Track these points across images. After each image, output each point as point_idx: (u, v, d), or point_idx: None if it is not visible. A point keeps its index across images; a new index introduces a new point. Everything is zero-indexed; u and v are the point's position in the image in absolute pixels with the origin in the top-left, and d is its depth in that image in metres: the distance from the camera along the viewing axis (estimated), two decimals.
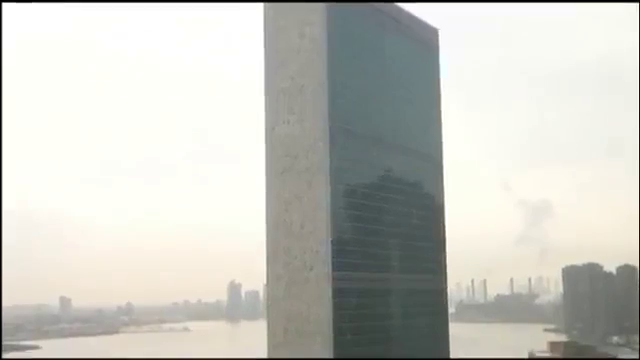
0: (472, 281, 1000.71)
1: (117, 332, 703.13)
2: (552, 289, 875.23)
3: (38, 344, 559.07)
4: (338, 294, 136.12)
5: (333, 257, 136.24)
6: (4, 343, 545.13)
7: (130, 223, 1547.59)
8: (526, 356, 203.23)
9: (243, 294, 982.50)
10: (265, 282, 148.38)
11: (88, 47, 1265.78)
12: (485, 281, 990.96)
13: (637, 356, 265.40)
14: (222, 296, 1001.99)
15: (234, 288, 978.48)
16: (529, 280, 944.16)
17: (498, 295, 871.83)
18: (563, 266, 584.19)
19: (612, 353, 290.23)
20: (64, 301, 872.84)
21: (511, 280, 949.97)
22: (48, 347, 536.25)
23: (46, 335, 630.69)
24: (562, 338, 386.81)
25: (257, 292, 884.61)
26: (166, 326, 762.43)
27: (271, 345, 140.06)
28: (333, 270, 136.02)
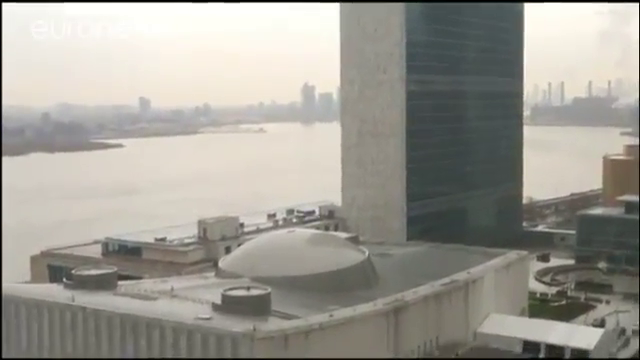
0: (549, 84, 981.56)
1: (196, 132, 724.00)
2: (632, 92, 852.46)
3: (121, 142, 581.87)
4: (412, 97, 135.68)
5: (407, 60, 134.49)
6: (90, 141, 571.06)
7: (206, 27, 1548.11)
8: (600, 159, 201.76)
9: (317, 96, 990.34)
10: (339, 84, 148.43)
11: None
12: (563, 84, 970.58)
13: None
14: (296, 98, 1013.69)
15: (308, 90, 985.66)
16: (608, 83, 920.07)
17: (575, 98, 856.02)
18: None
19: None
20: (143, 102, 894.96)
21: (589, 83, 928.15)
22: (130, 145, 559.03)
23: (127, 134, 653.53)
24: (638, 141, 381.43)
25: (331, 94, 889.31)
26: (243, 127, 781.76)
27: (345, 147, 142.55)
28: (407, 73, 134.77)
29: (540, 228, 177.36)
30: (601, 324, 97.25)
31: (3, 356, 74.34)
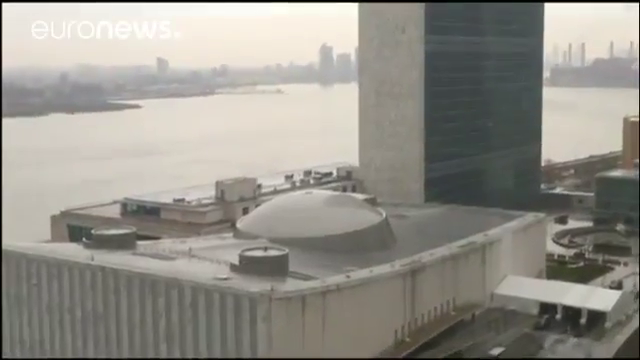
0: (570, 44, 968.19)
1: (213, 93, 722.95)
2: None
3: (139, 103, 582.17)
4: (430, 57, 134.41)
5: (426, 20, 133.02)
6: (108, 102, 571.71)
7: None
8: (621, 120, 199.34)
9: (335, 57, 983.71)
10: (357, 45, 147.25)
11: None
12: (583, 44, 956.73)
13: None
14: (314, 59, 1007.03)
15: (326, 51, 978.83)
16: (631, 43, 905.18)
17: (596, 59, 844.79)
18: None
19: None
20: (161, 62, 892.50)
21: (611, 43, 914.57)
22: (148, 106, 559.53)
23: (146, 95, 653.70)
24: None
25: (349, 55, 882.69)
26: (260, 88, 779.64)
27: (362, 108, 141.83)
28: (426, 33, 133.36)
29: (558, 190, 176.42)
30: (618, 286, 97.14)
31: (22, 315, 75.56)
